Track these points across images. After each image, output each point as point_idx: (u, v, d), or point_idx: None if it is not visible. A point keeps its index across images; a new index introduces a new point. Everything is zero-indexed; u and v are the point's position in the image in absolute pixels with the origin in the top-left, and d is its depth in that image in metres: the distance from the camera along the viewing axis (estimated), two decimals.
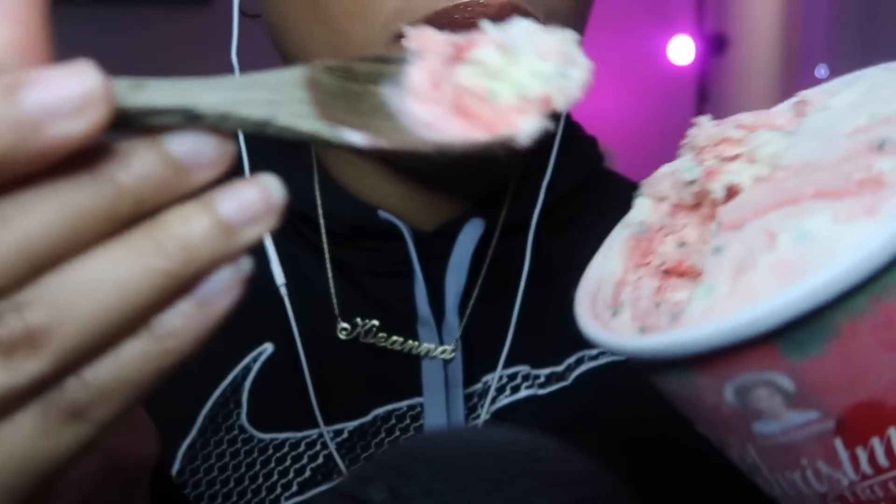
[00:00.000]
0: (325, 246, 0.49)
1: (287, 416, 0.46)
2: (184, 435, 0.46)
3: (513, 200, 0.51)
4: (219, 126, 0.21)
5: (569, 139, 0.51)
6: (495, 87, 0.23)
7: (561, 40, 0.24)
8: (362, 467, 0.32)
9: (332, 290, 0.48)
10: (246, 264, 0.22)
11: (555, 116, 0.23)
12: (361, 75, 0.24)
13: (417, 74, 0.24)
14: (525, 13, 0.38)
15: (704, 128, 0.30)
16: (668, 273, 0.28)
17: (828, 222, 0.24)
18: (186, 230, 0.20)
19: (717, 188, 0.29)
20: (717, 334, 0.23)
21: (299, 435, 0.46)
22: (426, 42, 0.25)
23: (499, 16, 0.37)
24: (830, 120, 0.29)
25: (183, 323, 0.21)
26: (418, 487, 0.29)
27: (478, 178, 0.50)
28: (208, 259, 0.20)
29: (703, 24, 2.03)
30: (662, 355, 0.25)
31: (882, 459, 0.24)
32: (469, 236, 0.49)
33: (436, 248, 0.49)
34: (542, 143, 0.52)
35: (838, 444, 0.24)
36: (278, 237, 0.48)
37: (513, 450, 0.32)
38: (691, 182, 0.29)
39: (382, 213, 0.47)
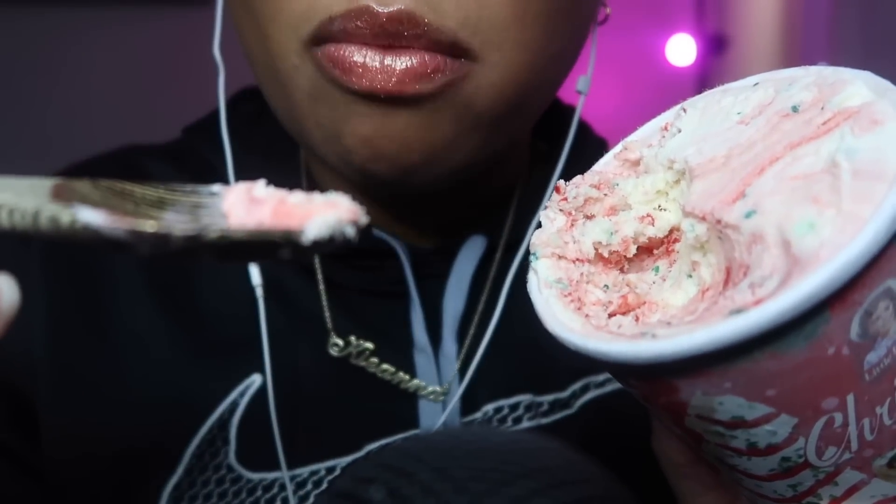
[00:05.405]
0: (318, 265, 0.46)
1: (277, 453, 0.44)
2: (169, 474, 0.43)
3: (517, 215, 0.49)
4: None
5: (579, 144, 0.49)
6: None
7: None
8: (362, 467, 0.32)
9: (325, 308, 0.46)
10: None
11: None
12: (141, 198, 0.23)
13: (230, 197, 0.23)
14: (422, 24, 0.35)
15: (572, 189, 0.30)
16: (614, 313, 0.28)
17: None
18: None
19: (657, 230, 0.29)
20: (856, 255, 0.22)
21: (289, 474, 0.44)
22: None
23: (390, 28, 0.35)
24: (696, 133, 0.30)
25: None
26: (418, 487, 0.29)
27: (472, 199, 0.48)
28: None
29: (703, 24, 2.03)
30: (805, 306, 0.22)
31: None
32: (469, 255, 0.47)
33: (434, 268, 0.47)
34: (550, 151, 0.50)
35: None
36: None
37: (513, 450, 0.32)
38: (607, 244, 0.29)
39: (377, 231, 0.45)
